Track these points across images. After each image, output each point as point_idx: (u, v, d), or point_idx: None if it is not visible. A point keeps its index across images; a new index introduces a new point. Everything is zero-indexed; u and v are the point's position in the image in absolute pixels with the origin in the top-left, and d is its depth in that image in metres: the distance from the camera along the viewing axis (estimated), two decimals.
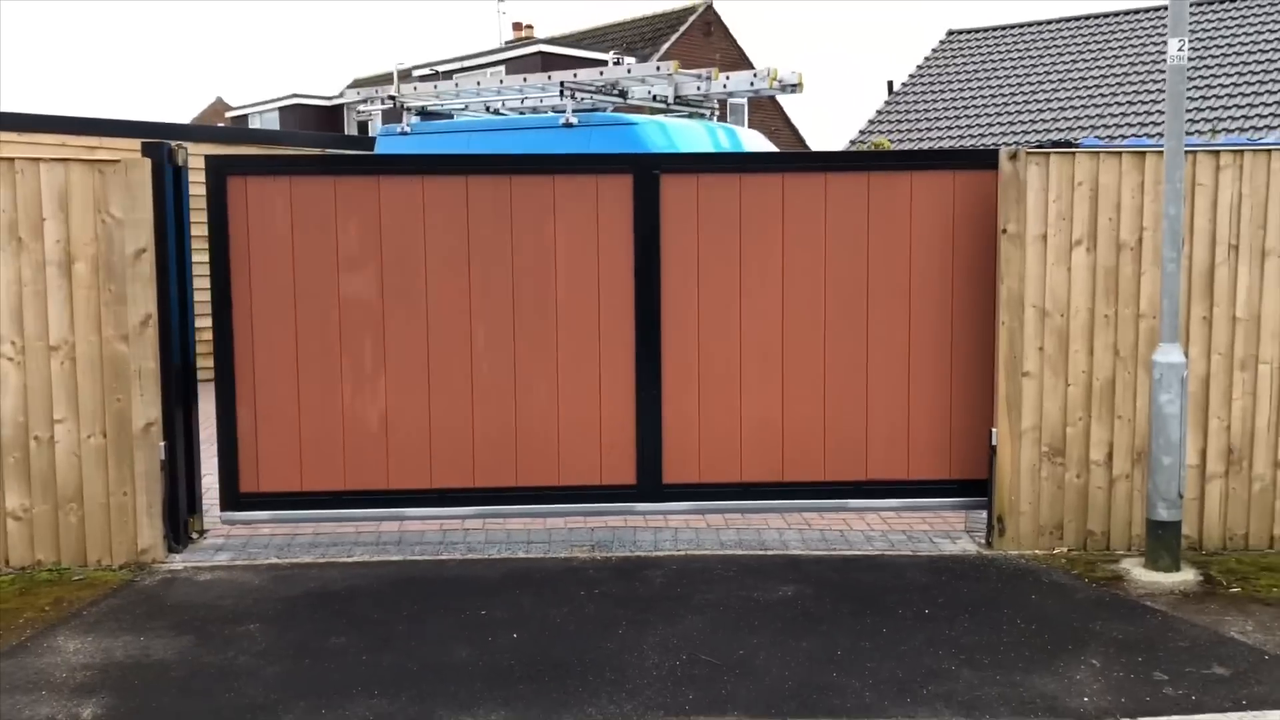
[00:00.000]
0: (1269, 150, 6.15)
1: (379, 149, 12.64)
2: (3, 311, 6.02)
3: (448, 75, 30.04)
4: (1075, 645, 5.05)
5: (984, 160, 6.48)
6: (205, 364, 11.16)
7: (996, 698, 4.56)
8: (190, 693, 4.63)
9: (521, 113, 12.35)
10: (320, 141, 15.16)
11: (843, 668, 4.86)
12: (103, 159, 6.15)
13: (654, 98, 11.77)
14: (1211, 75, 19.32)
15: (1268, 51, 19.40)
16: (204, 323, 6.85)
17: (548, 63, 27.38)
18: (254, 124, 39.57)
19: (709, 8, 32.49)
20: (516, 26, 37.99)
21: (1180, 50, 5.71)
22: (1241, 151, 6.17)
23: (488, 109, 12.86)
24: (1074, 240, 6.26)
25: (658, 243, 6.52)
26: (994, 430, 6.39)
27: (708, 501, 6.68)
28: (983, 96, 21.86)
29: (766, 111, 32.82)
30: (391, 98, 12.64)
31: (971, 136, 20.68)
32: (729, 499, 6.68)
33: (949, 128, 21.33)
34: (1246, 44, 19.85)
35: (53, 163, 6.06)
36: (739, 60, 31.70)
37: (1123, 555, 6.25)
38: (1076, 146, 6.24)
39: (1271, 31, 19.98)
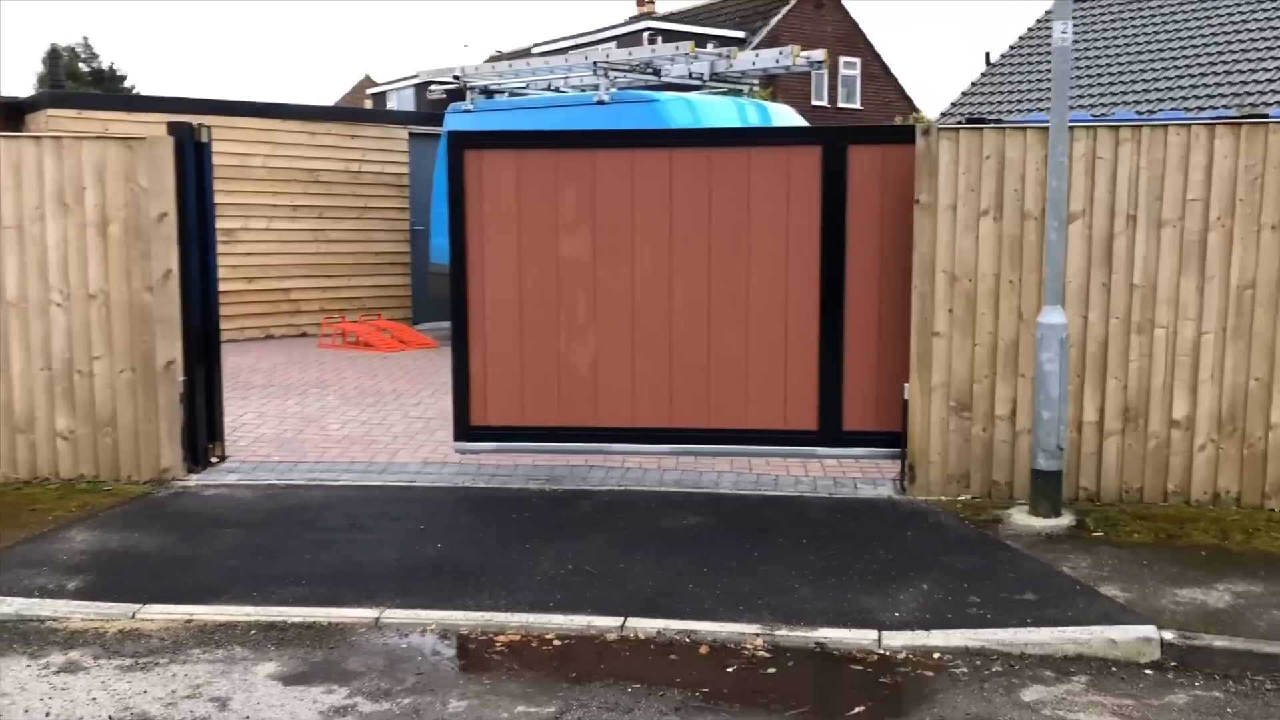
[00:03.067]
0: (1165, 125, 6.48)
1: (447, 125, 13.70)
2: (52, 265, 7.21)
3: (563, 52, 31.11)
4: (918, 573, 5.64)
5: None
6: (232, 325, 12.31)
7: (819, 610, 5.21)
8: (156, 575, 5.68)
9: (583, 89, 13.17)
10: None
11: (700, 581, 5.57)
12: (134, 136, 7.26)
13: (690, 75, 12.44)
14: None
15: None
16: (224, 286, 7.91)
17: (655, 39, 28.11)
18: (391, 102, 41.52)
19: None
20: (640, 2, 38.79)
21: (1064, 33, 6.12)
22: (1140, 126, 6.52)
23: (549, 87, 13.74)
24: (981, 210, 6.73)
25: (844, 208, 7.03)
26: (907, 386, 6.94)
27: (884, 448, 7.22)
28: (1078, 68, 21.59)
29: (880, 83, 32.77)
30: (455, 77, 13.66)
31: (1083, 106, 20.50)
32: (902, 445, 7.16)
33: (1040, 99, 21.17)
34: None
35: (93, 140, 7.21)
36: (851, 32, 31.75)
37: (1020, 503, 6.72)
38: (992, 123, 6.68)
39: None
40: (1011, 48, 23.71)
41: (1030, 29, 24.15)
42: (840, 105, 31.72)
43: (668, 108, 11.22)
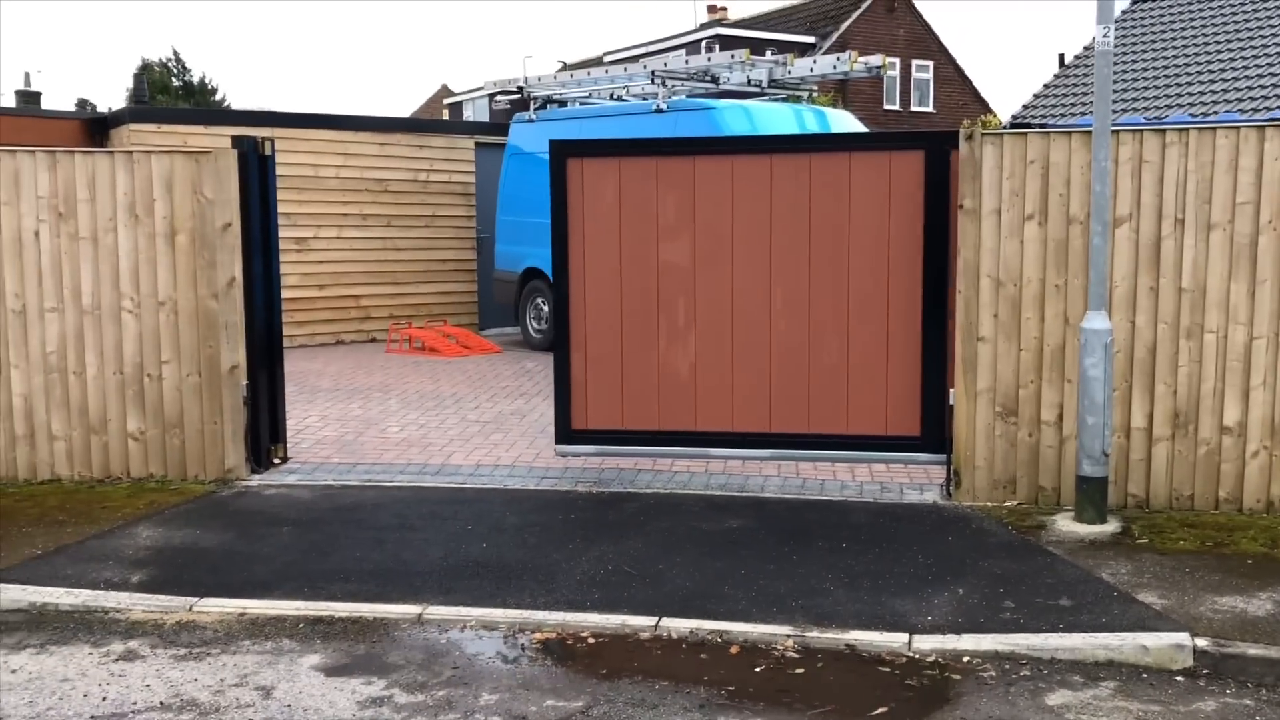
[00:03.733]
0: (1214, 128, 6.40)
1: (512, 135, 13.97)
2: (124, 273, 7.55)
3: (634, 60, 31.34)
4: (954, 577, 5.64)
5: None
6: (304, 331, 12.66)
7: (852, 613, 5.25)
8: (215, 570, 5.93)
9: (644, 98, 13.33)
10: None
11: (737, 583, 5.65)
12: (199, 149, 7.57)
13: (749, 82, 12.51)
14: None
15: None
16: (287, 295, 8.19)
17: (725, 45, 28.17)
18: (467, 111, 42.20)
19: None
20: (711, 9, 38.90)
21: (1105, 36, 6.09)
22: (1187, 129, 6.45)
23: (612, 96, 13.93)
24: (1026, 215, 6.70)
25: (947, 212, 6.95)
26: (952, 390, 6.93)
27: None
28: (1155, 68, 21.15)
29: (954, 86, 32.41)
30: (519, 88, 13.91)
31: (1137, 109, 20.10)
32: None
33: (1113, 101, 20.78)
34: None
35: (161, 153, 7.53)
36: (924, 35, 31.46)
37: (1066, 510, 6.66)
38: (1038, 127, 6.66)
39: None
40: (1085, 49, 23.29)
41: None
42: (913, 108, 31.46)
43: (724, 115, 11.31)
